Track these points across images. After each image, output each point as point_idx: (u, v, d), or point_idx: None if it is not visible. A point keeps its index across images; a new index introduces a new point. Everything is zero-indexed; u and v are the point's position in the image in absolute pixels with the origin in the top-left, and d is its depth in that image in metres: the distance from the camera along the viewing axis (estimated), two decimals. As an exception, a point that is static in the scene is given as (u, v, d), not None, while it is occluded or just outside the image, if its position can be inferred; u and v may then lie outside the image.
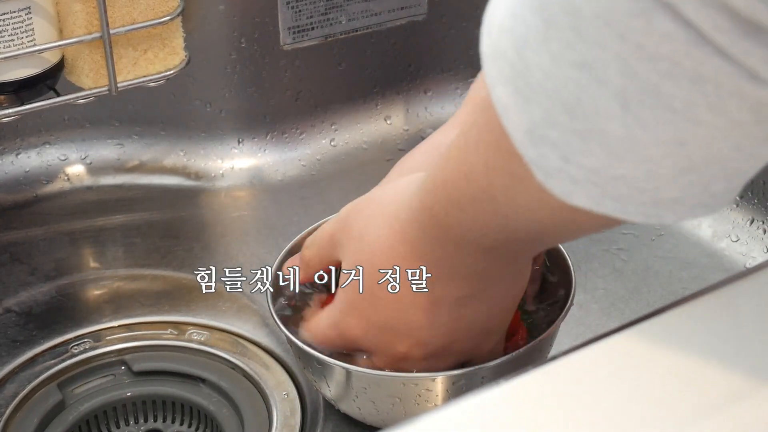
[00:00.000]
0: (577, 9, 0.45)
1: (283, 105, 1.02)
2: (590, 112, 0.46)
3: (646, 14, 0.43)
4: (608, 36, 0.44)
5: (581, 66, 0.45)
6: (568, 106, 0.47)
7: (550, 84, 0.47)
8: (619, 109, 0.45)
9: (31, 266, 0.92)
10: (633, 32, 0.44)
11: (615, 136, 0.46)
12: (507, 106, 0.49)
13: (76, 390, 0.82)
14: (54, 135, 0.99)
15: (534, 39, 0.47)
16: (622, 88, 0.45)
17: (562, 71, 0.46)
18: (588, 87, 0.46)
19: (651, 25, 0.43)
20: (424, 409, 0.68)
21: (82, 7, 0.83)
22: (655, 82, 0.44)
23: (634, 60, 0.44)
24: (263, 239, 0.94)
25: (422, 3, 1.03)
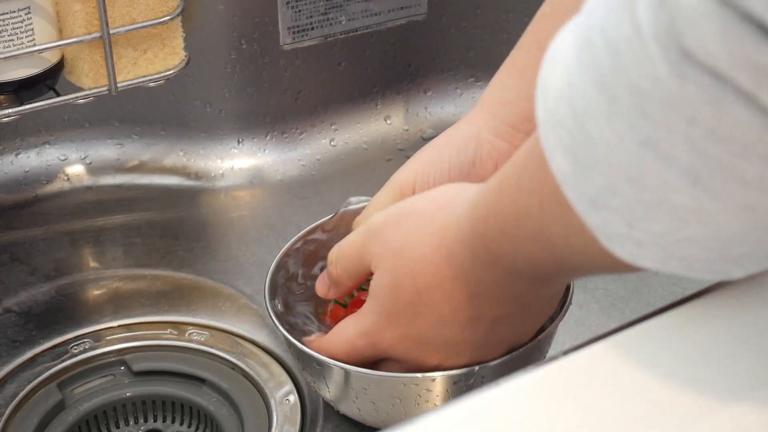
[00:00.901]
0: (642, 92, 0.45)
1: (283, 105, 1.02)
2: (656, 185, 0.47)
3: (718, 102, 0.44)
4: (676, 119, 0.45)
5: (646, 144, 0.46)
6: (632, 179, 0.47)
7: (613, 157, 0.47)
8: (687, 183, 0.46)
9: (31, 266, 0.92)
10: (703, 117, 0.44)
11: (682, 205, 0.47)
12: (567, 174, 0.50)
13: (75, 390, 0.82)
14: (54, 135, 0.99)
15: (596, 113, 0.47)
16: (690, 165, 0.46)
17: (626, 147, 0.47)
18: (654, 164, 0.46)
19: (723, 112, 0.44)
20: (425, 409, 0.68)
21: (81, 7, 0.83)
22: (726, 160, 0.45)
23: (704, 141, 0.45)
24: (263, 239, 0.94)
25: (422, 3, 1.03)
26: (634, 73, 0.45)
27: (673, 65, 0.44)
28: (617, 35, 0.46)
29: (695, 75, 0.44)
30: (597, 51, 0.47)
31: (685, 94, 0.44)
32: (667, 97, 0.45)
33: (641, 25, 0.44)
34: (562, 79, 0.49)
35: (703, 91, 0.44)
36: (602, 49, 0.47)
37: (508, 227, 0.59)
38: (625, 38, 0.45)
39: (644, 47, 0.45)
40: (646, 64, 0.45)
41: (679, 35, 0.43)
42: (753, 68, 0.43)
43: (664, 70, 0.44)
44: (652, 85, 0.45)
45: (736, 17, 0.42)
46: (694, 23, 0.43)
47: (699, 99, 0.44)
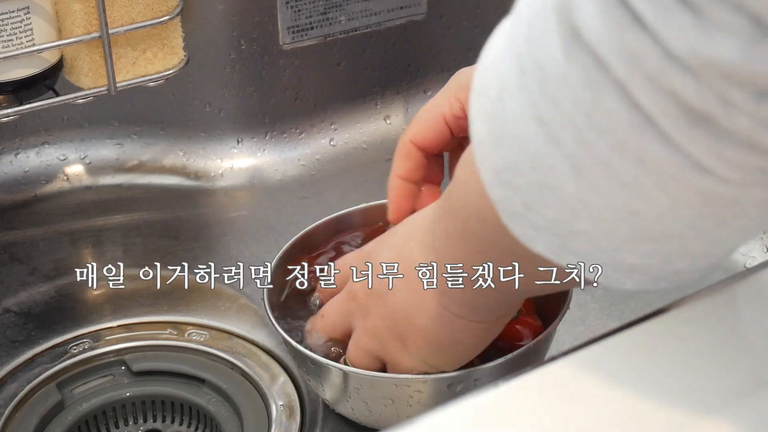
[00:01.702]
0: (542, 66, 0.45)
1: (283, 105, 1.02)
2: (547, 167, 0.46)
3: (596, 88, 0.43)
4: (564, 99, 0.44)
5: (541, 122, 0.45)
6: (530, 157, 0.47)
7: (518, 132, 0.47)
8: (572, 172, 0.45)
9: (31, 266, 0.92)
10: (584, 102, 0.43)
11: (569, 194, 0.46)
12: (481, 142, 0.50)
13: (75, 390, 0.82)
14: (53, 135, 0.99)
15: (511, 85, 0.47)
16: (574, 153, 0.45)
17: (527, 123, 0.46)
18: (546, 144, 0.46)
19: (599, 99, 0.43)
20: (417, 410, 0.68)
21: (81, 7, 0.83)
22: (605, 155, 0.44)
23: (586, 129, 0.44)
24: (263, 239, 0.94)
25: (422, 3, 1.03)
26: (538, 45, 0.45)
27: (564, 42, 0.43)
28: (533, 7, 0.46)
29: (580, 55, 0.43)
30: (519, 23, 0.47)
31: (572, 75, 0.44)
32: (559, 74, 0.44)
33: None
34: (495, 50, 0.49)
35: (586, 73, 0.43)
36: (523, 21, 0.46)
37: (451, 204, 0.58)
38: (537, 9, 0.45)
39: (546, 19, 0.44)
40: (547, 37, 0.44)
41: (570, 10, 0.43)
42: (626, 55, 0.41)
43: (557, 45, 0.44)
44: (549, 60, 0.44)
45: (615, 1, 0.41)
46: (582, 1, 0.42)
47: (582, 81, 0.43)
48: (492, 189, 0.50)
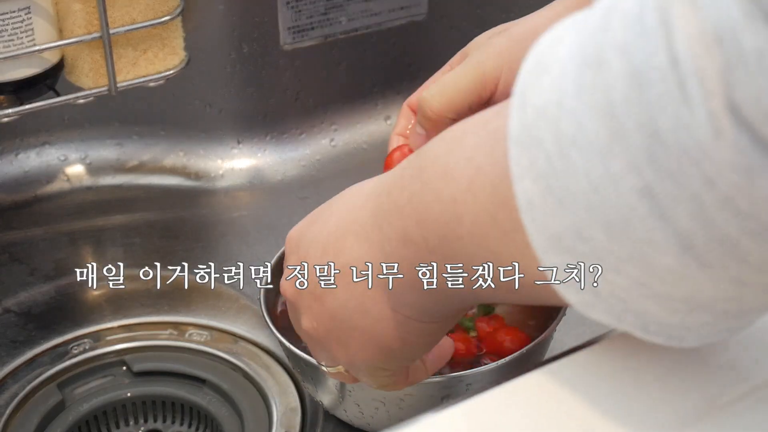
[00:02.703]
0: (659, 134, 0.39)
1: (283, 105, 1.02)
2: (639, 241, 0.41)
3: (753, 172, 0.38)
4: (691, 176, 0.39)
5: (643, 194, 0.40)
6: (611, 227, 0.41)
7: (596, 198, 0.41)
8: (678, 248, 0.40)
9: (31, 266, 0.92)
10: (725, 184, 0.38)
11: (664, 267, 0.41)
12: (533, 203, 0.44)
13: (76, 390, 0.82)
14: (54, 135, 0.99)
15: (588, 144, 0.41)
16: (688, 230, 0.40)
17: (616, 191, 0.41)
18: (645, 218, 0.40)
19: (753, 184, 0.38)
20: (408, 413, 0.67)
21: (81, 7, 0.83)
22: (734, 236, 0.40)
23: (715, 210, 0.39)
24: (263, 239, 0.94)
25: (422, 3, 1.03)
26: (658, 109, 0.39)
27: (713, 115, 0.38)
28: (647, 62, 0.39)
29: (735, 133, 0.38)
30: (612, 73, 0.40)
31: (715, 153, 0.38)
32: (691, 148, 0.38)
33: (681, 58, 0.38)
34: (551, 94, 0.42)
35: (740, 156, 0.38)
36: (620, 72, 0.40)
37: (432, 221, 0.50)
38: (658, 68, 0.39)
39: (681, 84, 0.38)
40: (678, 105, 0.38)
41: (732, 83, 0.37)
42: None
43: (700, 116, 0.38)
44: (675, 129, 0.38)
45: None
46: (755, 73, 0.37)
47: (730, 163, 0.38)
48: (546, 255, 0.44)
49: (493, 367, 0.66)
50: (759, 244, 0.39)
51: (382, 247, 0.54)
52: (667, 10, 0.39)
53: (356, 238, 0.55)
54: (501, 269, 0.47)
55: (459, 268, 0.50)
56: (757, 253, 0.40)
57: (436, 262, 0.51)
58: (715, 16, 0.37)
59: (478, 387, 0.58)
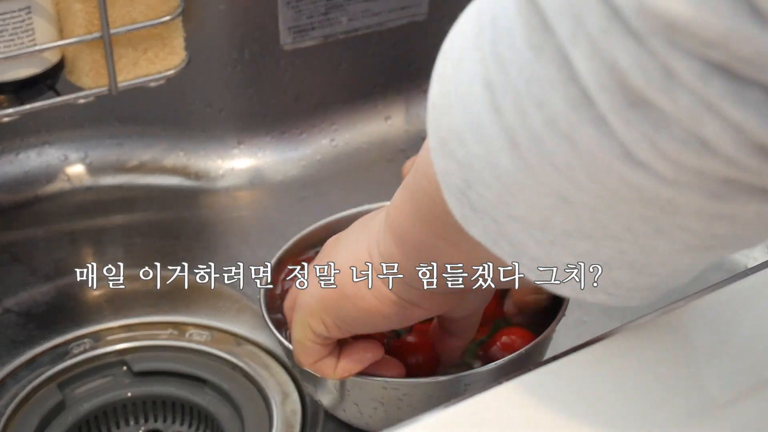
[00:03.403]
0: (495, 19, 0.41)
1: (284, 105, 1.02)
2: (487, 138, 0.42)
3: (538, 49, 0.39)
4: (510, 60, 0.40)
5: (487, 85, 0.41)
6: (473, 125, 0.43)
7: (467, 97, 0.43)
8: (509, 146, 0.41)
9: (31, 266, 0.92)
10: (526, 66, 0.39)
11: (506, 171, 0.42)
12: (435, 105, 0.45)
13: (76, 390, 0.82)
14: (54, 135, 0.99)
15: (469, 44, 0.43)
16: (512, 124, 0.41)
17: (475, 85, 0.42)
18: (488, 111, 0.42)
19: (539, 63, 0.39)
20: (407, 413, 0.67)
21: (82, 7, 0.83)
22: (540, 132, 0.40)
23: (525, 98, 0.40)
24: (263, 239, 0.94)
25: (423, 3, 1.03)
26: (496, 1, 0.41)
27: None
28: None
29: (528, 13, 0.39)
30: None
31: (517, 31, 0.39)
32: (508, 30, 0.40)
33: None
34: (468, 12, 0.45)
35: (531, 32, 0.39)
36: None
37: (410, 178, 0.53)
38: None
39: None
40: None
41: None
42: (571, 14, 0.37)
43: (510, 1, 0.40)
44: (502, 17, 0.40)
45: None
46: None
47: (526, 41, 0.39)
48: (436, 158, 0.46)
49: (492, 367, 0.66)
50: (556, 141, 0.39)
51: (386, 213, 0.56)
52: None
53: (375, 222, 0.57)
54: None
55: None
56: (557, 153, 0.40)
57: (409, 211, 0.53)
58: None
59: (477, 387, 0.58)
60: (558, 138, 0.39)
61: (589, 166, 0.40)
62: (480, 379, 0.66)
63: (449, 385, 0.66)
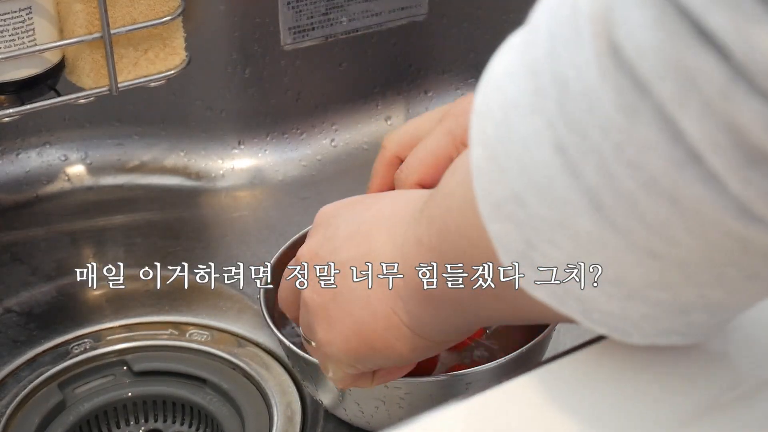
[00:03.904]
0: (566, 82, 0.39)
1: (284, 105, 1.02)
2: (560, 201, 0.41)
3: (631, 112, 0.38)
4: (590, 124, 0.39)
5: (558, 149, 0.40)
6: (539, 188, 0.42)
7: (527, 158, 0.42)
8: (590, 208, 0.40)
9: (32, 266, 0.92)
10: (614, 129, 0.38)
11: (585, 231, 0.41)
12: (481, 169, 0.44)
13: (76, 390, 0.82)
14: (54, 135, 0.99)
15: (523, 105, 0.42)
16: (595, 186, 0.40)
17: (539, 149, 0.41)
18: (561, 175, 0.40)
19: (634, 126, 0.38)
20: (408, 412, 0.67)
21: (82, 7, 0.83)
22: (632, 191, 0.39)
23: (611, 159, 0.39)
24: (264, 239, 0.94)
25: (423, 3, 1.03)
26: (564, 57, 0.39)
27: (599, 58, 0.38)
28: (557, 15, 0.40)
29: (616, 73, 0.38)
30: (539, 33, 0.41)
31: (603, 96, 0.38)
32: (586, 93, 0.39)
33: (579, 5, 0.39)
34: (503, 67, 0.44)
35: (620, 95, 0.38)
36: (544, 31, 0.41)
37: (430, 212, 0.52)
38: (564, 18, 0.40)
39: (576, 31, 0.39)
40: (575, 52, 0.39)
41: (612, 21, 0.37)
42: (679, 76, 0.36)
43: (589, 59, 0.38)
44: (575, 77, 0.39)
45: (674, 12, 0.36)
46: (629, 11, 0.37)
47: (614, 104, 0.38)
48: (491, 223, 0.44)
49: (492, 366, 0.66)
50: (652, 200, 0.39)
51: (402, 251, 0.54)
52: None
53: (387, 233, 0.56)
54: (501, 269, 0.47)
55: (459, 268, 0.51)
56: (654, 212, 0.39)
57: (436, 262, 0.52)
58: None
59: (478, 386, 0.58)
60: (655, 197, 0.39)
61: (692, 222, 0.39)
62: (480, 378, 0.66)
63: (450, 384, 0.66)
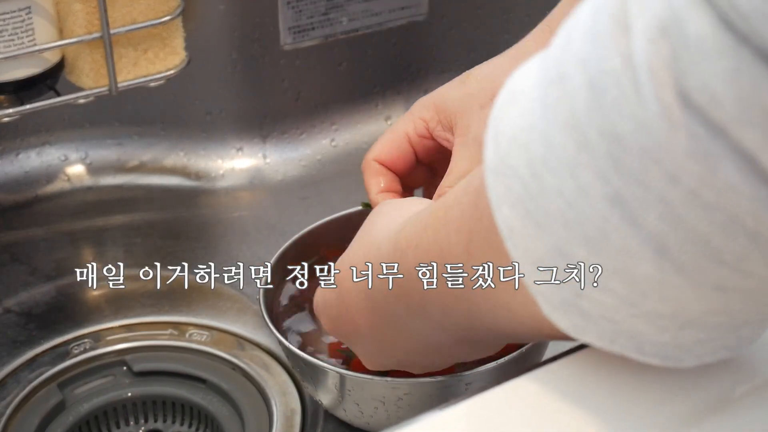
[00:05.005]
0: (621, 137, 0.39)
1: (284, 105, 1.02)
2: (617, 250, 0.41)
3: (710, 160, 0.37)
4: (655, 176, 0.38)
5: (614, 202, 0.40)
6: (590, 240, 0.41)
7: (571, 214, 0.41)
8: (654, 254, 0.40)
9: (32, 266, 0.92)
10: (687, 177, 0.38)
11: (644, 277, 0.41)
12: (513, 228, 0.44)
13: (76, 390, 0.82)
14: (54, 135, 0.99)
15: (558, 161, 0.41)
16: (660, 231, 0.39)
17: (589, 203, 0.40)
18: (618, 226, 0.40)
19: (713, 173, 0.37)
20: (408, 413, 0.67)
21: (82, 7, 0.83)
22: (705, 233, 0.39)
23: (682, 206, 0.38)
24: (263, 239, 0.94)
25: (423, 3, 1.03)
26: (616, 112, 0.39)
27: (666, 107, 0.37)
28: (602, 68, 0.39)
29: (689, 122, 0.37)
30: (573, 85, 0.40)
31: (672, 145, 0.38)
32: (650, 146, 0.38)
33: (634, 55, 0.38)
34: (520, 120, 0.43)
35: (695, 143, 0.37)
36: (580, 83, 0.40)
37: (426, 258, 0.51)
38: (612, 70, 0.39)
39: (634, 82, 0.38)
40: (632, 103, 0.38)
41: (680, 71, 0.37)
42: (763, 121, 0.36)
43: (654, 111, 0.38)
44: (634, 130, 0.38)
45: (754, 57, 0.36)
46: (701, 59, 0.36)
47: (687, 153, 0.37)
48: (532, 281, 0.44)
49: (492, 366, 0.66)
50: (730, 239, 0.39)
51: None
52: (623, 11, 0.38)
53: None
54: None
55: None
56: (730, 250, 0.39)
57: None
58: (659, 7, 0.37)
59: (477, 387, 0.58)
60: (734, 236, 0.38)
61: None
62: (480, 378, 0.66)
63: (449, 384, 0.66)
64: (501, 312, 0.48)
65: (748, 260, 0.39)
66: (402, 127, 0.71)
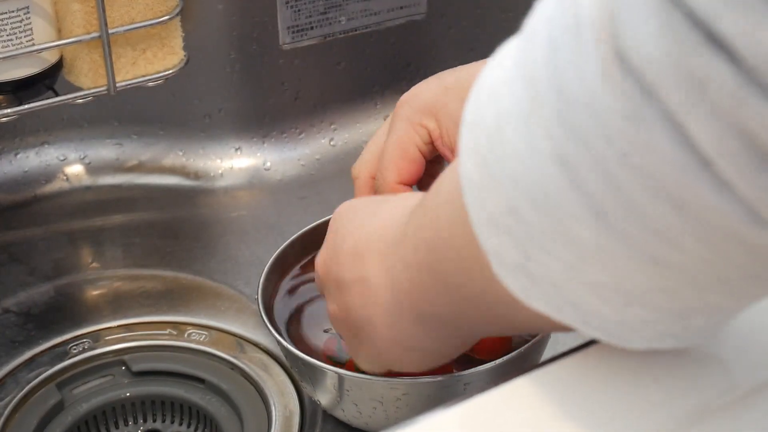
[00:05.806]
0: (567, 93, 0.39)
1: (283, 104, 1.02)
2: (560, 213, 0.41)
3: (639, 122, 0.37)
4: (594, 133, 0.38)
5: (558, 161, 0.40)
6: (536, 200, 0.41)
7: (521, 170, 0.41)
8: (593, 219, 0.40)
9: (30, 266, 0.92)
10: (620, 137, 0.38)
11: (584, 242, 0.41)
12: (473, 182, 0.44)
13: (75, 390, 0.82)
14: (53, 135, 0.99)
15: (518, 114, 0.41)
16: (599, 198, 0.39)
17: (536, 161, 0.40)
18: (561, 187, 0.40)
19: (641, 134, 0.37)
20: (406, 413, 0.67)
21: (80, 7, 0.83)
22: (637, 198, 0.38)
23: (616, 168, 0.38)
24: (262, 239, 0.94)
25: (422, 2, 1.03)
26: (564, 68, 0.39)
27: (604, 66, 0.37)
28: (559, 24, 0.39)
29: (623, 82, 0.37)
30: (536, 41, 0.40)
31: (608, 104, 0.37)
32: (590, 103, 0.38)
33: (582, 13, 0.38)
34: (500, 75, 0.43)
35: (627, 103, 0.37)
36: (542, 39, 0.40)
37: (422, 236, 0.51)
38: (565, 27, 0.39)
39: (579, 39, 0.38)
40: (577, 59, 0.38)
41: (617, 30, 0.37)
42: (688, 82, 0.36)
43: (593, 68, 0.38)
44: (577, 86, 0.38)
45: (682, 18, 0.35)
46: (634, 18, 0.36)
47: (620, 113, 0.37)
48: (484, 236, 0.44)
49: (491, 367, 0.66)
50: (659, 207, 0.38)
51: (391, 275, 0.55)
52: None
53: (378, 255, 0.56)
54: None
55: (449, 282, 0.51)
56: (661, 219, 0.38)
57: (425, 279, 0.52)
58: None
59: (476, 387, 0.58)
60: (663, 204, 0.38)
61: (699, 228, 0.38)
62: (479, 379, 0.66)
63: (448, 384, 0.66)
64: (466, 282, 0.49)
65: (678, 232, 0.39)
66: (412, 141, 0.70)
